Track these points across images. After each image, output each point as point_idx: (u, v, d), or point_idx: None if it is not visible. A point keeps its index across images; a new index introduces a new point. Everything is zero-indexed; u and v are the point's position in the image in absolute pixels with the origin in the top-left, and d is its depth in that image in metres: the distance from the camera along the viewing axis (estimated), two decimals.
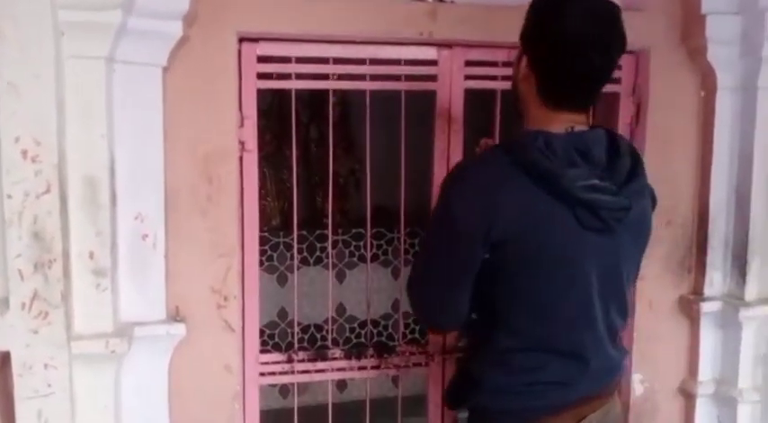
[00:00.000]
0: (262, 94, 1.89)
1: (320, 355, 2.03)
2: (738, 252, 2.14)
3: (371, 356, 2.05)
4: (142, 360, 1.72)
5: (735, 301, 2.13)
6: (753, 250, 2.12)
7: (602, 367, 1.40)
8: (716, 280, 2.17)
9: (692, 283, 2.19)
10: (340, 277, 3.40)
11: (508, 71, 1.96)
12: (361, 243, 3.35)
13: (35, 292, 1.54)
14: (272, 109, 3.27)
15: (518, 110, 1.42)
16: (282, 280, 3.32)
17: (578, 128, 1.33)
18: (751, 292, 2.13)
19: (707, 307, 2.14)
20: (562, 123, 1.33)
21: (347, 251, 3.39)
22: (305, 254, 3.28)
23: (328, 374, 2.05)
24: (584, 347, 1.36)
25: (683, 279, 2.18)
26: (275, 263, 3.29)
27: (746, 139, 2.10)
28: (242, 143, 1.84)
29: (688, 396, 2.22)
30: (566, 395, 1.37)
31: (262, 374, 1.97)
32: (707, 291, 2.16)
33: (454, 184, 1.34)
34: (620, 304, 1.42)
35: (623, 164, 1.34)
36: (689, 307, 2.17)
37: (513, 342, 1.35)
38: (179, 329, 1.75)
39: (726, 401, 2.19)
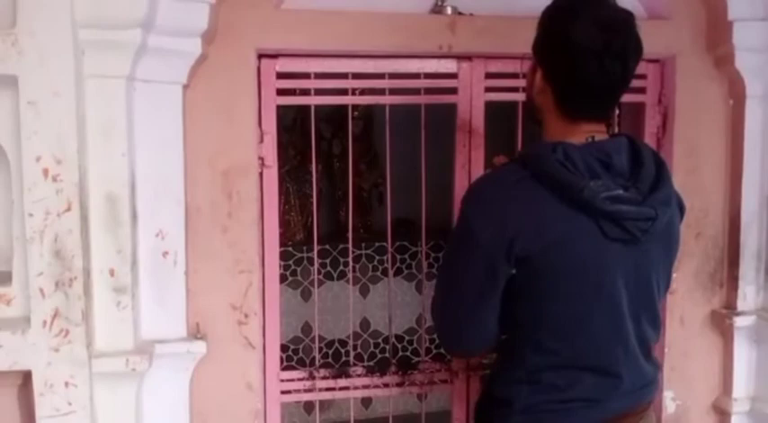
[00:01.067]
0: (284, 109, 1.89)
1: (342, 372, 2.01)
2: None
3: (394, 373, 2.02)
4: (163, 378, 1.72)
5: None
6: None
7: (636, 382, 1.36)
8: (749, 294, 2.09)
9: (725, 298, 2.12)
10: (363, 292, 3.39)
11: None
12: (384, 257, 3.34)
13: (56, 310, 1.54)
14: (296, 124, 3.29)
15: (536, 121, 1.40)
16: (306, 295, 3.32)
17: (598, 137, 1.31)
18: None
19: (740, 321, 2.06)
20: (582, 134, 1.31)
21: (371, 265, 3.38)
22: (328, 268, 3.28)
23: (351, 392, 2.02)
24: (616, 363, 1.33)
25: (715, 293, 2.12)
26: (299, 278, 3.29)
27: None
28: (262, 159, 1.84)
29: (722, 414, 2.15)
30: (599, 412, 1.33)
31: (283, 392, 1.96)
32: (740, 305, 2.09)
33: (472, 201, 1.32)
34: (652, 316, 1.38)
35: (647, 172, 1.30)
36: (721, 322, 2.10)
37: (541, 360, 1.32)
38: (200, 347, 1.75)
39: (762, 419, 2.11)
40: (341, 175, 3.46)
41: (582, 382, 1.31)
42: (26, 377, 1.57)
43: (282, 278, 1.94)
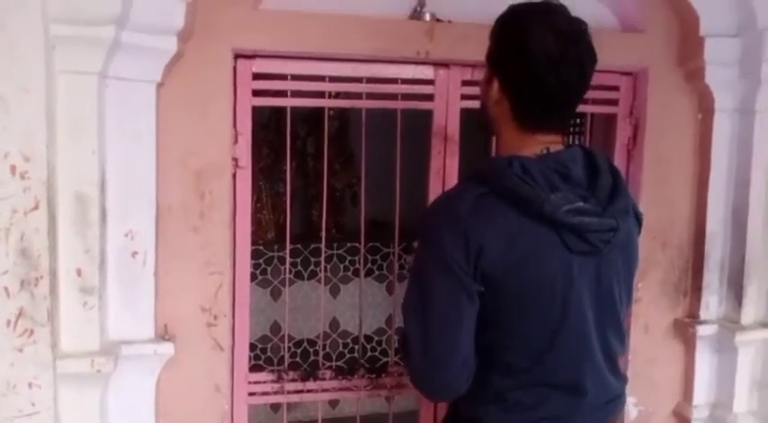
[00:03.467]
0: (259, 108, 1.88)
1: (311, 374, 2.00)
2: (735, 275, 2.12)
3: (363, 377, 2.02)
4: (129, 379, 1.70)
5: (731, 324, 2.11)
6: (749, 274, 2.10)
7: (601, 397, 1.35)
8: (712, 303, 2.15)
9: (688, 307, 2.17)
10: (334, 292, 3.38)
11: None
12: (356, 258, 3.33)
13: (21, 309, 1.51)
14: (270, 123, 3.26)
15: (489, 132, 1.38)
16: (276, 294, 3.30)
17: (553, 148, 1.29)
18: (747, 315, 2.11)
19: (703, 330, 2.11)
20: (537, 145, 1.28)
21: (342, 266, 3.37)
22: (299, 268, 3.26)
23: (318, 395, 2.02)
24: (582, 378, 1.31)
25: (679, 302, 2.16)
26: (269, 277, 3.27)
27: (744, 161, 2.09)
28: (235, 160, 1.83)
29: (683, 420, 2.20)
30: None
31: (251, 394, 1.95)
32: (703, 314, 2.14)
33: (438, 221, 1.27)
34: (616, 329, 1.36)
35: (604, 181, 1.29)
36: (684, 330, 2.15)
37: (509, 381, 1.29)
38: (167, 349, 1.73)
39: None
40: (315, 174, 3.45)
41: (548, 400, 1.30)
42: None
43: (252, 277, 1.92)
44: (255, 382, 1.95)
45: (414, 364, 1.28)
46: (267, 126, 3.26)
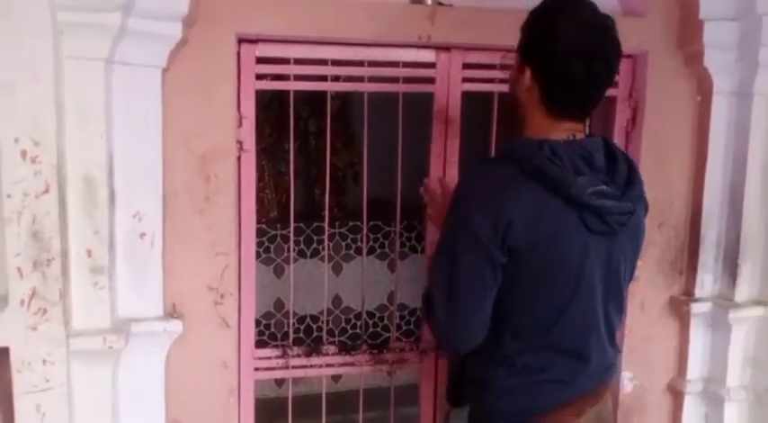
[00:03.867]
0: (261, 90, 1.90)
1: (315, 350, 2.06)
2: (730, 254, 2.16)
3: (365, 352, 2.08)
4: (139, 356, 1.75)
5: (725, 302, 2.16)
6: (744, 253, 2.14)
7: (601, 365, 1.46)
8: (707, 282, 2.19)
9: (684, 285, 2.22)
10: (336, 270, 3.44)
11: (506, 74, 1.99)
12: (358, 236, 3.38)
13: (34, 289, 1.56)
14: (272, 103, 3.29)
15: (515, 117, 1.45)
16: (279, 271, 3.36)
17: (578, 135, 1.39)
18: (741, 294, 2.16)
19: (697, 308, 2.16)
20: (563, 132, 1.38)
21: (344, 244, 3.42)
22: (302, 246, 3.31)
23: (323, 370, 2.08)
24: (587, 347, 1.42)
25: (675, 281, 2.21)
26: (272, 255, 3.32)
27: (741, 143, 2.11)
28: (240, 143, 1.86)
29: (676, 394, 2.26)
30: (568, 392, 1.43)
31: (257, 369, 2.01)
32: (698, 292, 2.18)
33: (468, 198, 1.37)
34: (618, 304, 1.48)
35: (621, 169, 1.40)
36: (680, 308, 2.20)
37: (519, 344, 1.40)
38: (176, 326, 1.78)
39: (713, 399, 2.23)
40: (316, 153, 3.48)
41: (554, 365, 1.41)
42: (4, 354, 1.59)
43: (256, 255, 1.96)
44: (261, 358, 2.01)
45: (437, 321, 1.41)
46: (269, 107, 3.29)
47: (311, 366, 2.07)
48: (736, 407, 2.22)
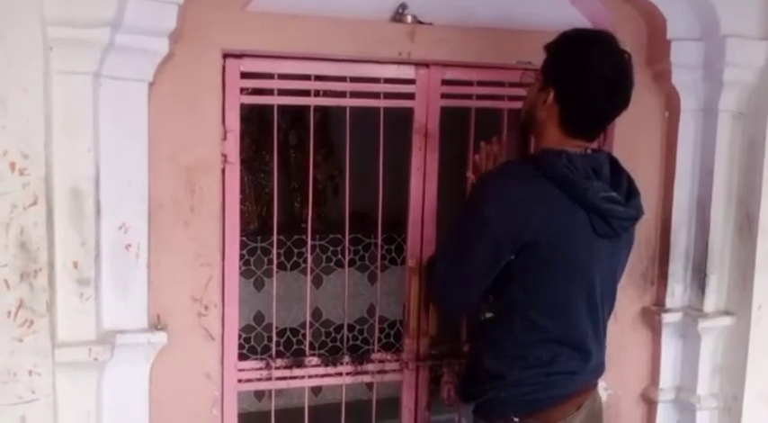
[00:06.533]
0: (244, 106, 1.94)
1: (297, 362, 2.08)
2: (698, 265, 2.24)
3: (347, 364, 2.11)
4: (124, 367, 1.76)
5: (694, 312, 2.24)
6: (712, 263, 2.22)
7: (597, 360, 1.60)
8: (677, 292, 2.27)
9: (655, 295, 2.29)
10: (317, 282, 3.46)
11: (483, 90, 2.06)
12: (339, 248, 3.41)
13: (21, 301, 1.57)
14: (253, 115, 3.31)
15: (530, 131, 1.61)
16: (259, 284, 3.37)
17: (588, 150, 1.53)
18: (709, 303, 2.24)
19: (668, 318, 2.24)
20: (575, 147, 1.51)
21: (324, 256, 3.45)
22: (282, 259, 3.33)
23: (305, 381, 2.10)
24: (588, 341, 1.55)
25: (646, 291, 2.28)
26: (252, 267, 3.33)
27: (707, 157, 2.20)
28: (224, 156, 1.89)
29: (650, 402, 2.33)
30: (573, 384, 1.55)
31: (240, 381, 2.02)
32: (668, 302, 2.26)
33: (489, 196, 1.49)
34: (610, 303, 1.64)
35: (624, 182, 1.55)
36: (651, 318, 2.27)
37: (531, 336, 1.52)
38: (160, 338, 1.80)
39: (685, 408, 2.30)
40: (297, 165, 3.50)
41: (562, 357, 1.52)
42: None
43: None
44: (244, 370, 2.03)
45: (437, 289, 1.63)
46: (249, 118, 3.31)
47: (294, 378, 2.09)
48: (708, 415, 2.29)
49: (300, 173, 3.38)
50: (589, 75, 1.45)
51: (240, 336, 3.24)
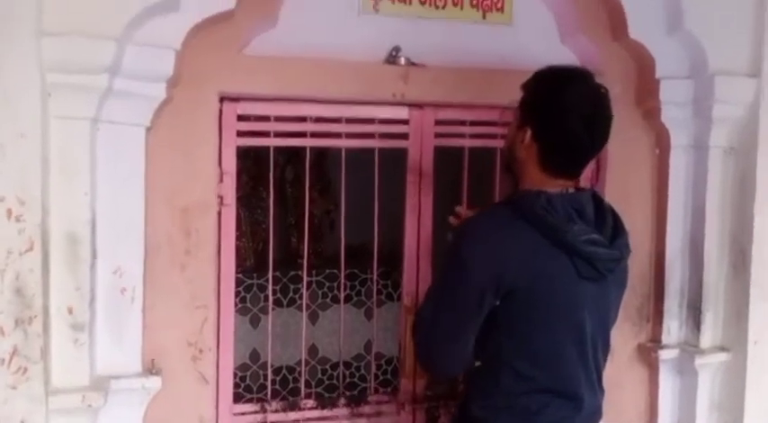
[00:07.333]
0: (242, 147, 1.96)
1: (292, 404, 2.07)
2: (693, 302, 2.25)
3: (343, 406, 2.09)
4: (118, 413, 1.74)
5: (691, 348, 2.24)
6: (707, 299, 2.23)
7: (591, 406, 1.54)
8: (673, 328, 2.27)
9: (651, 332, 2.29)
10: (313, 318, 3.42)
11: (476, 130, 2.09)
12: (335, 284, 3.38)
13: (15, 347, 1.56)
14: (250, 152, 3.32)
15: (512, 170, 1.56)
16: (255, 322, 3.33)
17: (570, 189, 1.50)
18: (705, 339, 2.24)
19: (665, 354, 2.23)
20: (557, 186, 1.48)
21: (320, 292, 3.42)
22: (278, 295, 3.30)
23: None
24: (579, 388, 1.50)
25: (642, 327, 2.28)
26: (248, 305, 3.30)
27: (699, 193, 2.22)
28: (221, 197, 1.90)
29: None
30: None
31: None
32: (664, 339, 2.26)
33: (469, 238, 1.46)
34: (605, 347, 1.59)
35: (608, 221, 1.51)
36: (648, 355, 2.26)
37: (517, 387, 1.47)
38: (154, 382, 1.78)
39: None
40: (293, 201, 3.50)
41: (551, 406, 1.47)
42: None
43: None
44: (239, 414, 2.01)
45: (421, 349, 1.54)
46: (246, 156, 3.32)
47: (289, 421, 2.07)
48: None
49: (297, 208, 3.38)
50: (565, 110, 1.42)
51: (236, 375, 3.20)
